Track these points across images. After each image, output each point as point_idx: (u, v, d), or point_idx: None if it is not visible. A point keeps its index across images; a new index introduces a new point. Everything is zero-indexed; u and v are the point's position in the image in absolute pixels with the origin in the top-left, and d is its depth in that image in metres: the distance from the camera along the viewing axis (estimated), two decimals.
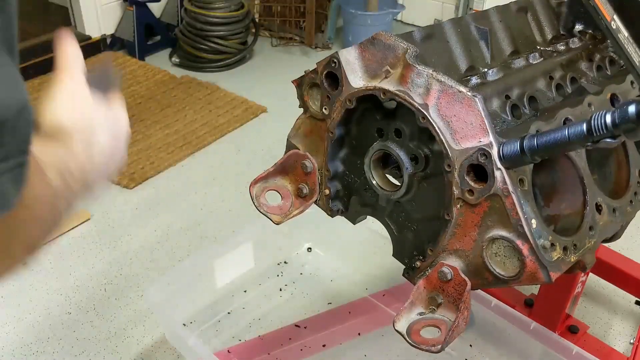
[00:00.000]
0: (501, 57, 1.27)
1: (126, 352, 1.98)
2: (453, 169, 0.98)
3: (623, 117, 0.78)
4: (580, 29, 1.44)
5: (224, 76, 3.67)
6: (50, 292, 2.18)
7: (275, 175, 1.25)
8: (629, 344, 2.04)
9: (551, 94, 1.25)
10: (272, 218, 1.23)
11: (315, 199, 1.23)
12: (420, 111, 0.99)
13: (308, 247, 2.29)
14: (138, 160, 2.88)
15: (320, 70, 1.13)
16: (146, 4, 3.71)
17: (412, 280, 1.09)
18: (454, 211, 1.00)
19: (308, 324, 2.00)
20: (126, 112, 0.79)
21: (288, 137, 1.25)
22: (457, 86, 0.96)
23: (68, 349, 1.98)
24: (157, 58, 3.83)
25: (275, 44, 4.07)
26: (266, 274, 2.17)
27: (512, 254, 0.96)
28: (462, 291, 1.00)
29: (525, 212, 0.93)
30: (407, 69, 1.01)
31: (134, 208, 2.63)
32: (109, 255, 2.36)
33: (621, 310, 2.20)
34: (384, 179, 1.16)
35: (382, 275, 2.14)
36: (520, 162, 0.93)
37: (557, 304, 1.78)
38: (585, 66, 1.37)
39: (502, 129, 1.10)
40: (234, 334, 1.96)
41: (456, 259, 1.02)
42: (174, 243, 2.42)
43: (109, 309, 2.13)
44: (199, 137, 3.08)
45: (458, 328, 0.98)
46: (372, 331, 1.98)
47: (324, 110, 1.16)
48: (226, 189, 2.74)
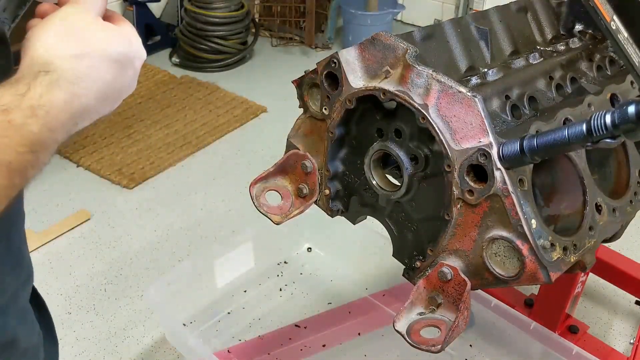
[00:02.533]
0: (501, 57, 1.27)
1: (126, 352, 1.98)
2: (453, 169, 0.98)
3: (623, 117, 0.78)
4: (580, 29, 1.44)
5: (224, 76, 3.67)
6: (50, 292, 2.18)
7: (275, 176, 1.25)
8: (629, 344, 2.04)
9: (551, 94, 1.25)
10: (272, 218, 1.23)
11: (315, 199, 1.23)
12: (420, 111, 0.99)
13: (308, 247, 2.29)
14: (138, 160, 2.88)
15: (320, 70, 1.13)
16: (146, 4, 3.71)
17: (412, 280, 1.09)
18: (454, 211, 1.00)
19: (308, 324, 2.00)
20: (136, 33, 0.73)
21: (288, 137, 1.25)
22: (457, 86, 0.96)
23: (68, 349, 1.98)
24: (157, 58, 3.83)
25: (275, 44, 4.06)
26: (266, 274, 2.16)
27: (512, 254, 0.96)
28: (462, 291, 1.00)
29: (525, 212, 0.93)
30: (407, 69, 1.01)
31: (134, 208, 2.63)
32: (109, 255, 2.36)
33: (621, 310, 2.20)
34: (384, 179, 1.16)
35: (382, 275, 2.14)
36: (520, 163, 0.93)
37: (557, 304, 1.78)
38: (585, 66, 1.37)
39: (502, 129, 1.10)
40: (234, 334, 1.96)
41: (456, 259, 1.02)
42: (174, 243, 2.43)
43: (109, 309, 2.13)
44: (199, 137, 3.08)
45: (458, 328, 0.98)
46: (372, 331, 1.98)
47: (324, 111, 1.16)
48: (226, 189, 2.74)
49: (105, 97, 0.68)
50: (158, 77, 3.58)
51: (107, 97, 0.68)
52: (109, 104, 0.69)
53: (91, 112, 0.67)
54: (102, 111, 0.69)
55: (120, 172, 2.79)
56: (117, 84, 0.69)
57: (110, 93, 0.68)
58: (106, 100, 0.68)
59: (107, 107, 0.69)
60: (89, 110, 0.66)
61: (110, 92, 0.68)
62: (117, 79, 0.68)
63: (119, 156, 2.90)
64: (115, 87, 0.68)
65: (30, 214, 2.53)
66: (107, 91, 0.67)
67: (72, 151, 2.90)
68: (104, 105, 0.68)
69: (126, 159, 2.88)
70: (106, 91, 0.67)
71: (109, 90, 0.68)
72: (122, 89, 0.70)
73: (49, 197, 2.63)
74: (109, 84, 0.67)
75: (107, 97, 0.68)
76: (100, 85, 0.66)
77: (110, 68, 0.67)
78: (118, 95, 0.70)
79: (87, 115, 0.67)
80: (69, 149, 2.90)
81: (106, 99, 0.68)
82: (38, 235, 2.41)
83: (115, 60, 0.67)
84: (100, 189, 2.73)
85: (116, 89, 0.69)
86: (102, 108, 0.68)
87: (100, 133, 3.05)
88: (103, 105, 0.68)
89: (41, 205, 2.59)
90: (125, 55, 0.69)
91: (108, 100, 0.69)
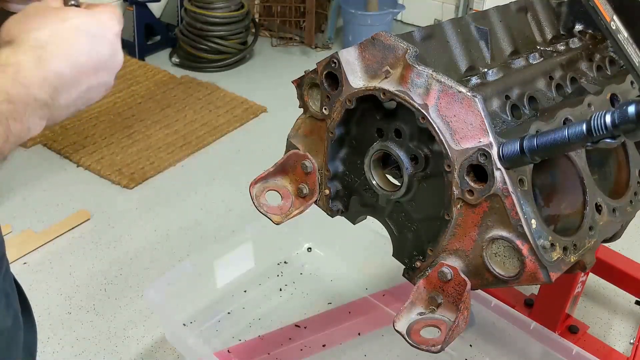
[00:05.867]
0: (501, 57, 1.27)
1: (126, 352, 1.98)
2: (453, 169, 0.98)
3: (623, 117, 0.78)
4: (580, 29, 1.44)
5: (224, 76, 3.67)
6: (50, 292, 2.19)
7: (275, 175, 1.25)
8: (629, 344, 2.04)
9: (551, 94, 1.25)
10: (272, 218, 1.23)
11: (315, 199, 1.24)
12: (420, 111, 0.99)
13: (308, 247, 2.29)
14: (138, 160, 2.88)
15: (320, 70, 1.13)
16: (146, 4, 3.71)
17: (412, 281, 1.09)
18: (454, 211, 1.00)
19: (308, 324, 2.00)
20: (114, 9, 0.77)
21: (288, 137, 1.25)
22: (457, 86, 0.96)
23: (68, 349, 1.98)
24: (157, 58, 3.83)
25: (275, 44, 4.07)
26: (266, 274, 2.17)
27: (512, 254, 0.96)
28: (462, 291, 1.00)
29: (525, 212, 0.93)
30: (407, 69, 1.01)
31: (134, 208, 2.63)
32: (109, 255, 2.36)
33: (621, 310, 2.20)
34: (384, 179, 1.16)
35: (382, 275, 2.14)
36: (520, 163, 0.93)
37: (557, 304, 1.78)
38: (585, 66, 1.37)
39: (502, 129, 1.10)
40: (234, 334, 1.96)
41: (456, 259, 1.02)
42: (174, 243, 2.43)
43: (109, 309, 2.13)
44: (199, 137, 3.08)
45: (458, 328, 0.98)
46: (372, 331, 1.99)
47: (324, 111, 1.16)
48: (226, 189, 2.74)
49: (81, 64, 0.70)
50: (158, 77, 3.58)
51: (83, 65, 0.71)
52: (91, 72, 0.72)
53: (71, 79, 0.70)
54: (87, 80, 0.72)
55: (120, 172, 2.79)
56: (92, 52, 0.71)
57: (85, 61, 0.71)
58: (83, 68, 0.71)
59: (93, 77, 0.72)
60: (66, 76, 0.69)
61: (85, 60, 0.71)
62: (91, 47, 0.71)
63: (119, 156, 2.90)
64: (91, 55, 0.71)
65: (30, 214, 2.54)
66: (80, 59, 0.70)
67: (72, 151, 2.90)
68: (85, 73, 0.71)
69: (126, 159, 2.88)
70: (79, 58, 0.70)
71: (82, 58, 0.70)
72: (101, 57, 0.72)
73: (49, 197, 2.63)
74: (80, 52, 0.70)
75: (82, 64, 0.70)
76: (70, 52, 0.69)
77: (76, 36, 0.70)
78: (101, 64, 0.73)
79: (66, 81, 0.69)
80: (69, 149, 2.90)
81: (82, 66, 0.70)
82: (38, 235, 2.41)
83: (80, 29, 0.71)
84: (100, 189, 2.73)
85: (94, 57, 0.71)
86: (83, 77, 0.71)
87: (100, 133, 3.05)
88: (83, 74, 0.71)
89: (41, 205, 2.59)
90: (90, 25, 0.72)
91: (86, 68, 0.71)
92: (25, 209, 2.57)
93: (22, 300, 1.00)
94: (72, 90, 0.70)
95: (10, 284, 0.93)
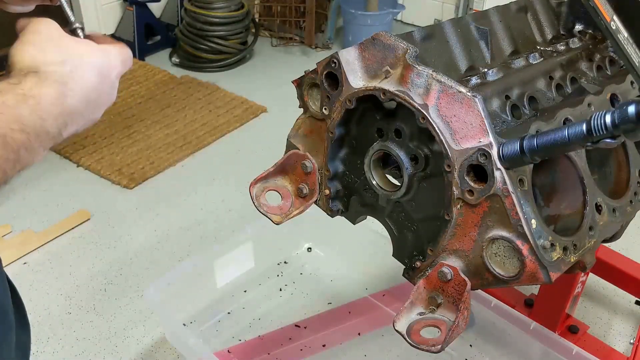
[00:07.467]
0: (501, 57, 1.27)
1: (126, 352, 1.98)
2: (453, 169, 0.98)
3: (623, 117, 0.78)
4: (580, 29, 1.44)
5: (224, 76, 3.68)
6: (50, 292, 2.19)
7: (275, 175, 1.25)
8: (629, 344, 2.04)
9: (551, 94, 1.25)
10: (272, 218, 1.23)
11: (315, 199, 1.23)
12: (420, 111, 0.99)
13: (308, 247, 2.29)
14: (138, 160, 2.88)
15: (320, 70, 1.13)
16: (146, 4, 3.71)
17: (412, 281, 1.09)
18: (453, 211, 1.00)
19: (308, 324, 2.00)
20: (122, 50, 0.80)
21: (288, 137, 1.25)
22: (457, 86, 0.96)
23: (68, 349, 1.98)
24: (157, 58, 3.83)
25: (275, 44, 4.07)
26: (266, 274, 2.17)
27: (512, 254, 0.96)
28: (462, 291, 1.00)
29: (525, 212, 0.93)
30: (407, 69, 1.01)
31: (134, 208, 2.63)
32: (109, 255, 2.36)
33: (621, 310, 2.20)
34: (384, 179, 1.16)
35: (382, 275, 2.14)
36: (520, 163, 0.93)
37: (557, 304, 1.78)
38: (585, 66, 1.37)
39: (502, 129, 1.10)
40: (234, 334, 1.96)
41: (456, 259, 1.02)
42: (174, 243, 2.43)
43: (109, 309, 2.13)
44: (199, 137, 3.08)
45: (458, 328, 0.98)
46: (372, 331, 1.99)
47: (324, 110, 1.16)
48: (226, 189, 2.74)
49: (89, 101, 0.74)
50: (158, 77, 3.58)
51: (91, 101, 0.74)
52: (92, 109, 0.76)
53: (79, 115, 0.74)
54: (87, 116, 0.76)
55: (120, 172, 2.79)
56: (98, 91, 0.75)
57: (94, 98, 0.75)
58: (90, 105, 0.75)
59: (91, 113, 0.76)
60: (76, 113, 0.73)
61: (94, 97, 0.75)
62: (99, 85, 0.75)
63: (119, 156, 2.90)
64: (98, 93, 0.75)
65: (30, 214, 2.54)
66: (90, 96, 0.74)
67: (72, 151, 2.90)
68: (89, 110, 0.75)
69: (126, 159, 2.88)
70: (90, 95, 0.74)
71: (92, 95, 0.74)
72: (102, 96, 0.77)
73: (49, 197, 2.63)
74: (92, 89, 0.74)
75: (90, 101, 0.74)
76: (85, 89, 0.73)
77: (90, 74, 0.74)
78: (101, 102, 0.77)
79: (75, 117, 0.73)
80: (69, 149, 2.90)
81: (89, 103, 0.74)
82: (38, 235, 2.41)
83: (94, 67, 0.74)
84: (100, 189, 2.73)
85: (99, 95, 0.76)
86: (87, 113, 0.75)
87: (100, 133, 3.05)
88: (88, 110, 0.75)
89: (41, 205, 2.59)
90: (102, 64, 0.76)
91: (91, 106, 0.75)
92: (25, 209, 2.57)
93: (16, 301, 0.99)
94: (76, 124, 0.74)
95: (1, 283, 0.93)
